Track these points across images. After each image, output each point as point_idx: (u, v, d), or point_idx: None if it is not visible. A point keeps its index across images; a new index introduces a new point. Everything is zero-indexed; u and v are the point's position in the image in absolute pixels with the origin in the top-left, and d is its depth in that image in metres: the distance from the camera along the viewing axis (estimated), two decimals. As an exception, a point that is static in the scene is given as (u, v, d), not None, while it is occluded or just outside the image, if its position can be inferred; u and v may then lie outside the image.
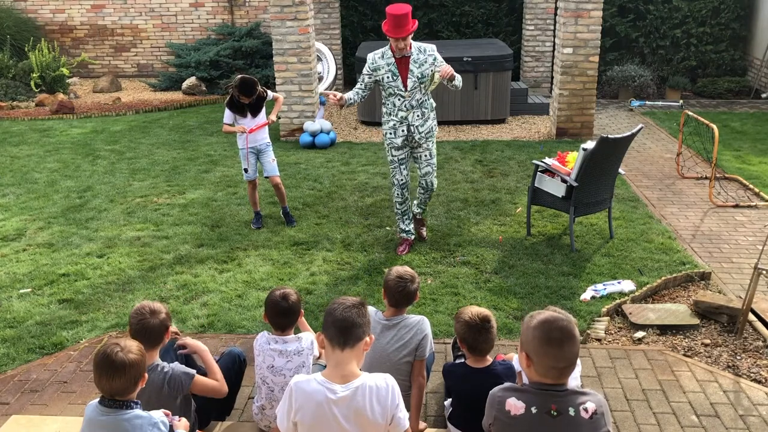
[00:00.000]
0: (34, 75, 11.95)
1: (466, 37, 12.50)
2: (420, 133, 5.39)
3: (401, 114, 5.34)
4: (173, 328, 3.29)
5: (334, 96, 5.23)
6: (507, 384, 2.54)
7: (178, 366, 3.09)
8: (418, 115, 5.35)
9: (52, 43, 13.18)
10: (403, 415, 2.57)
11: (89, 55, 13.59)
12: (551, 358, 2.33)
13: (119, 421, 2.58)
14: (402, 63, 5.25)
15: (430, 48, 5.32)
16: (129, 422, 2.58)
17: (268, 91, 6.14)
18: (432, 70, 5.25)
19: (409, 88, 5.26)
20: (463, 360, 3.40)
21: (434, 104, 5.52)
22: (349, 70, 12.68)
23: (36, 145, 9.23)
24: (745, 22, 12.18)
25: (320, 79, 10.63)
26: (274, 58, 8.99)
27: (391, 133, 5.44)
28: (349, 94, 5.41)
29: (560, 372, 2.36)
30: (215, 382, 3.22)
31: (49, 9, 13.68)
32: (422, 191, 5.70)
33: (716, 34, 12.15)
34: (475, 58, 9.68)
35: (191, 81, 12.30)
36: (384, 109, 5.46)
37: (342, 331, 2.50)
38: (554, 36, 11.45)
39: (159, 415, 2.68)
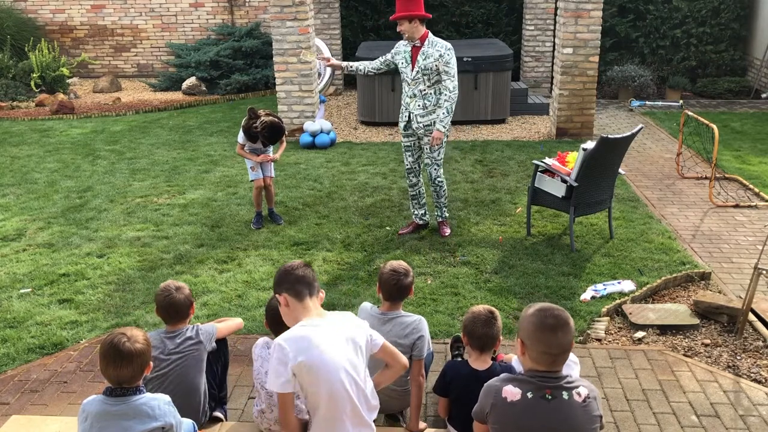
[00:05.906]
0: (34, 75, 11.96)
1: (466, 37, 12.50)
2: (419, 123, 5.71)
3: (406, 100, 5.75)
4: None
5: (327, 60, 6.18)
6: (503, 375, 2.60)
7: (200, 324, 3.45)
8: (418, 105, 5.68)
9: (52, 44, 13.19)
10: (376, 335, 2.87)
11: (89, 55, 13.60)
12: (544, 344, 2.42)
13: (133, 407, 2.62)
14: (415, 52, 5.62)
15: (441, 44, 5.56)
16: (146, 404, 2.64)
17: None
18: (435, 65, 5.52)
19: (412, 77, 5.63)
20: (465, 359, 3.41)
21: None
22: (349, 70, 12.68)
23: (36, 145, 9.23)
24: (745, 22, 12.18)
25: (318, 75, 10.63)
26: (274, 58, 9.00)
27: (400, 117, 5.86)
28: (363, 63, 6.00)
29: (553, 359, 2.44)
30: (231, 321, 3.67)
31: (49, 9, 13.69)
32: (431, 187, 5.98)
33: (716, 34, 12.15)
34: (475, 58, 9.69)
35: (191, 81, 12.30)
36: None
37: (308, 284, 2.78)
38: (554, 36, 11.45)
39: (167, 397, 2.75)
